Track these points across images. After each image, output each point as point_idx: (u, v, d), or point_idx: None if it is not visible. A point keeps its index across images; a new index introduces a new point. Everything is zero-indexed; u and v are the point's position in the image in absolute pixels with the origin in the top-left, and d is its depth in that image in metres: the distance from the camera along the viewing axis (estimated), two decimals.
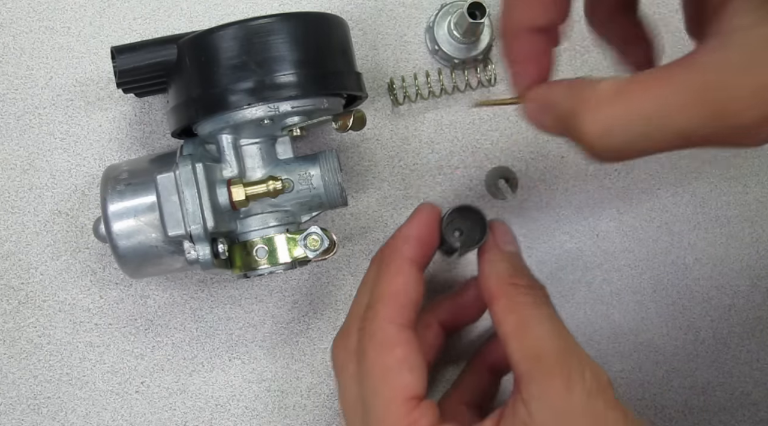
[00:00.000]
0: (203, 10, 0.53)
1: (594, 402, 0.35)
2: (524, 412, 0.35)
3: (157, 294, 0.52)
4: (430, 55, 0.53)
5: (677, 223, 0.55)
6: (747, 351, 0.55)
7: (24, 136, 0.52)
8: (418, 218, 0.43)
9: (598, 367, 0.36)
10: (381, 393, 0.38)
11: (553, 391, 0.35)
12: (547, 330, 0.37)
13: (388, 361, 0.38)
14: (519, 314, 0.38)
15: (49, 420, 0.52)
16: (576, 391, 0.35)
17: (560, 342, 0.37)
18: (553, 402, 0.35)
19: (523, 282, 0.40)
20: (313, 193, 0.46)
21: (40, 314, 0.52)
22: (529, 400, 0.35)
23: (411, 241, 0.42)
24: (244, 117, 0.42)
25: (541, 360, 0.36)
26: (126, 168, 0.46)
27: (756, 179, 0.55)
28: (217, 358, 0.53)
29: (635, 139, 0.30)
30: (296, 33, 0.42)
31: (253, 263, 0.45)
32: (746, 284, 0.55)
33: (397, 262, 0.41)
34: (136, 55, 0.44)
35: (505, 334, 0.38)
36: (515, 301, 0.39)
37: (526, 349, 0.37)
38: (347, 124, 0.42)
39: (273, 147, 0.46)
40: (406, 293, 0.40)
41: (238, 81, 0.42)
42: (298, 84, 0.42)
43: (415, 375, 0.38)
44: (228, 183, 0.43)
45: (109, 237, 0.44)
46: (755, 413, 0.55)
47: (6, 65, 0.52)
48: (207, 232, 0.42)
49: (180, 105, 0.44)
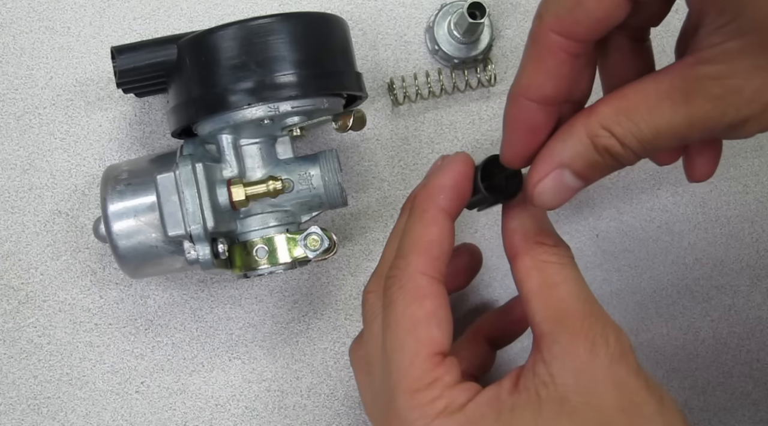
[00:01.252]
0: (203, 10, 0.53)
1: (617, 367, 0.34)
2: (545, 372, 0.35)
3: (157, 294, 0.52)
4: (430, 55, 0.53)
5: (677, 223, 0.55)
6: (747, 351, 0.55)
7: (24, 136, 0.52)
8: (454, 168, 0.40)
9: (621, 333, 0.36)
10: (407, 345, 0.37)
11: (576, 353, 0.34)
12: (572, 291, 0.36)
13: (418, 313, 0.37)
14: (544, 273, 0.37)
15: (49, 420, 0.52)
16: (600, 354, 0.34)
17: (585, 304, 0.36)
18: (575, 364, 0.34)
19: (549, 241, 0.38)
20: (313, 193, 0.46)
21: (40, 314, 0.52)
22: (551, 360, 0.35)
23: (447, 191, 0.40)
24: (244, 117, 0.42)
25: (565, 321, 0.35)
26: (126, 168, 0.46)
27: (756, 179, 0.55)
28: (217, 358, 0.53)
29: None
30: (296, 33, 0.42)
31: (253, 263, 0.45)
32: (746, 284, 0.55)
33: (432, 211, 0.39)
34: (136, 55, 0.44)
35: (528, 293, 0.37)
36: (540, 259, 0.37)
37: (550, 310, 0.36)
38: (347, 124, 0.42)
39: (273, 147, 0.46)
40: (440, 244, 0.39)
41: (238, 81, 0.42)
42: (298, 84, 0.42)
43: (443, 330, 0.37)
44: (228, 183, 0.43)
45: (109, 237, 0.44)
46: (755, 413, 0.55)
47: (6, 65, 0.52)
48: (207, 232, 0.42)
49: (180, 105, 0.44)
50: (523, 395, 0.35)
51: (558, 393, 0.34)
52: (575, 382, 0.34)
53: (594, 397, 0.34)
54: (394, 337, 0.37)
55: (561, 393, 0.34)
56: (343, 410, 0.53)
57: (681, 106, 0.31)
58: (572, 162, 0.34)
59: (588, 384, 0.34)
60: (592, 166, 0.34)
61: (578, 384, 0.34)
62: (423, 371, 0.36)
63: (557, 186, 0.34)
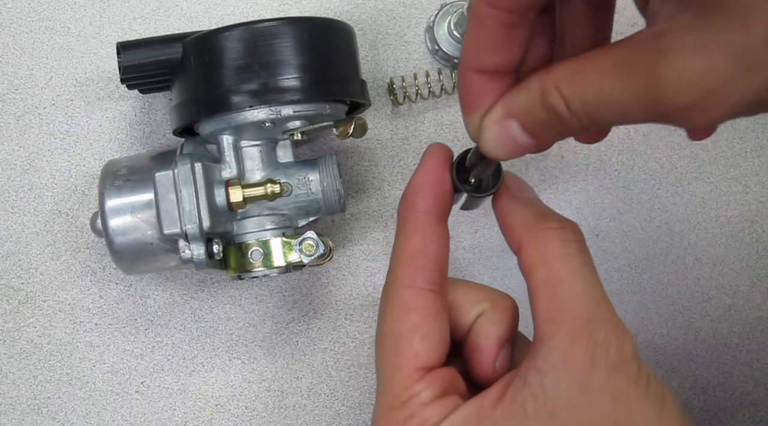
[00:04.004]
0: (203, 10, 0.53)
1: (616, 378, 0.32)
2: (537, 382, 0.33)
3: (157, 294, 0.52)
4: (430, 55, 0.53)
5: (677, 223, 0.55)
6: (747, 351, 0.55)
7: (24, 136, 0.52)
8: (427, 164, 0.38)
9: (626, 336, 0.33)
10: (390, 361, 0.35)
11: (574, 364, 0.32)
12: (577, 289, 0.34)
13: (402, 328, 0.35)
14: (548, 267, 0.34)
15: (49, 420, 0.52)
16: (599, 366, 0.32)
17: (589, 306, 0.33)
18: (572, 376, 0.32)
19: (552, 224, 0.36)
20: (311, 198, 0.45)
21: (40, 314, 0.52)
22: (546, 370, 0.32)
23: (423, 190, 0.37)
24: (245, 118, 0.42)
25: (566, 325, 0.33)
26: (125, 164, 0.46)
27: (756, 179, 0.55)
28: (217, 358, 0.53)
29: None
30: (302, 38, 0.42)
31: (248, 265, 0.45)
32: (746, 284, 0.55)
33: (411, 218, 0.37)
34: (141, 52, 0.44)
35: (532, 289, 0.35)
36: (545, 249, 0.35)
37: (552, 311, 0.34)
38: (348, 131, 0.42)
39: (273, 150, 0.46)
40: (424, 252, 0.36)
41: (242, 82, 0.42)
42: (301, 88, 0.42)
43: (427, 344, 0.35)
44: (226, 184, 0.43)
45: (105, 232, 0.44)
46: (755, 413, 0.55)
47: (6, 65, 0.52)
48: (202, 231, 0.42)
49: (183, 103, 0.44)
50: (508, 409, 0.33)
51: (547, 407, 0.32)
52: (568, 396, 0.32)
53: (587, 412, 0.32)
54: (380, 353, 0.36)
55: (550, 408, 0.32)
56: (343, 410, 0.53)
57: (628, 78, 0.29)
58: (520, 114, 0.32)
59: (582, 399, 0.32)
60: (539, 123, 0.32)
61: (571, 398, 0.32)
62: (400, 388, 0.35)
63: (504, 135, 0.33)
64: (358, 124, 0.42)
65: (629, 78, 0.29)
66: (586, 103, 0.30)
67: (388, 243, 0.53)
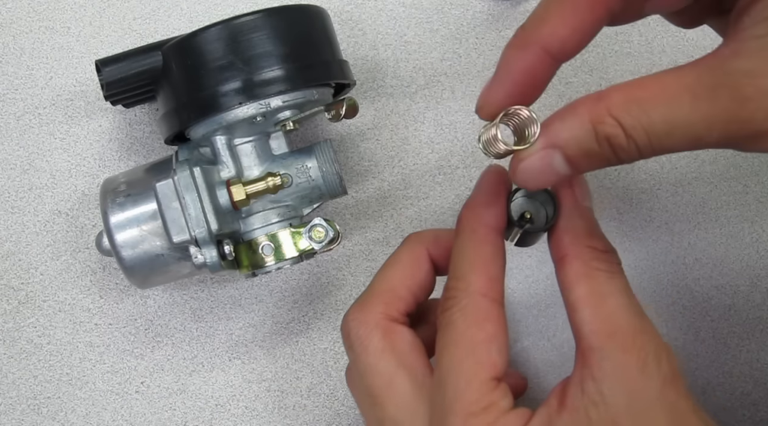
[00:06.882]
0: (203, 10, 0.53)
1: (668, 389, 0.32)
2: (595, 390, 0.32)
3: (157, 294, 0.52)
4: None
5: (677, 223, 0.55)
6: (747, 351, 0.55)
7: (24, 136, 0.52)
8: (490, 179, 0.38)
9: (671, 352, 0.34)
10: (466, 367, 0.35)
11: (629, 372, 0.32)
12: (623, 304, 0.34)
13: (479, 336, 0.35)
14: (593, 281, 0.34)
15: (49, 420, 0.52)
16: (653, 375, 0.32)
17: (636, 319, 0.34)
18: (628, 384, 0.32)
19: (600, 245, 0.36)
20: (312, 185, 0.46)
21: (40, 314, 0.52)
22: (602, 378, 0.32)
23: (492, 205, 0.37)
24: (236, 116, 0.42)
25: (616, 336, 0.33)
26: (123, 179, 0.46)
27: (756, 179, 0.55)
28: (217, 358, 0.53)
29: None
30: (279, 28, 0.42)
31: (260, 261, 0.45)
32: (746, 284, 0.55)
33: (481, 229, 0.37)
34: (122, 66, 0.43)
35: (576, 300, 0.34)
36: (590, 265, 0.35)
37: (600, 322, 0.33)
38: (340, 113, 0.42)
39: (267, 143, 0.46)
40: (496, 264, 0.37)
41: (227, 81, 0.42)
42: (286, 78, 0.42)
43: (502, 355, 0.35)
44: (227, 183, 0.43)
45: (113, 249, 0.44)
46: (755, 413, 0.55)
47: (6, 65, 0.52)
48: (212, 234, 0.42)
49: (170, 111, 0.44)
50: (573, 416, 0.33)
51: (609, 414, 0.32)
52: (627, 404, 0.32)
53: (645, 422, 0.32)
54: (451, 358, 0.36)
55: (612, 415, 0.32)
56: (343, 410, 0.53)
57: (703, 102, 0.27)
58: (567, 145, 0.31)
59: (640, 407, 0.32)
60: (587, 154, 0.31)
61: (630, 406, 0.32)
62: (480, 394, 0.34)
63: (543, 167, 0.32)
64: (349, 104, 0.42)
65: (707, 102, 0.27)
66: (652, 132, 0.29)
67: (388, 243, 0.53)
